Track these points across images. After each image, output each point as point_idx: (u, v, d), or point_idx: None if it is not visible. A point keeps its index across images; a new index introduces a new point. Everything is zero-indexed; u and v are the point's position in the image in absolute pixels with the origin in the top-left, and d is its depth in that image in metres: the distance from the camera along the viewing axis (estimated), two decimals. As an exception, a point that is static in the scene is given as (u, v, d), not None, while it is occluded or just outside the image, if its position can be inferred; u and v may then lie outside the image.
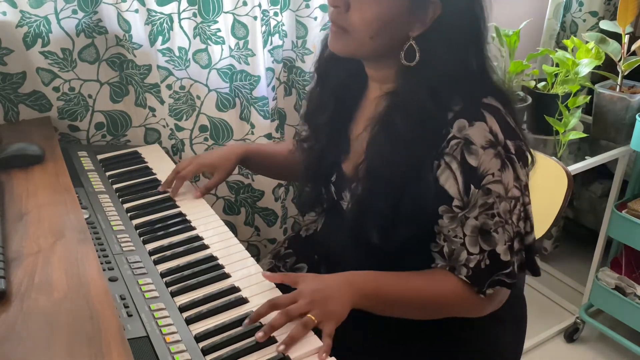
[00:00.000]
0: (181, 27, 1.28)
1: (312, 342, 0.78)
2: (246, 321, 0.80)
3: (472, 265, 0.83)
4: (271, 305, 0.81)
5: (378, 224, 0.88)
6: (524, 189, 0.84)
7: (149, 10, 1.23)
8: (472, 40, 0.83)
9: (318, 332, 0.79)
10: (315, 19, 1.43)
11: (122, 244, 0.98)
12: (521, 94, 1.65)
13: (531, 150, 0.87)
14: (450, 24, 0.81)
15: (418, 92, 0.82)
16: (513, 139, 0.82)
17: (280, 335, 0.78)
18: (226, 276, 0.92)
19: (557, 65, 1.58)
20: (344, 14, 0.83)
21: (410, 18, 0.81)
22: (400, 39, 0.83)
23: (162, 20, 1.25)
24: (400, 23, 0.81)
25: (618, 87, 1.63)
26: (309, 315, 0.79)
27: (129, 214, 1.08)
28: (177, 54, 1.30)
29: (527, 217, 0.86)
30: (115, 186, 1.18)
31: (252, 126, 1.43)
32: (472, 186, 0.81)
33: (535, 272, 0.90)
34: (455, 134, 0.81)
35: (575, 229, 2.23)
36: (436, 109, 0.82)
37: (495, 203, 0.81)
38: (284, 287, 0.87)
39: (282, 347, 0.76)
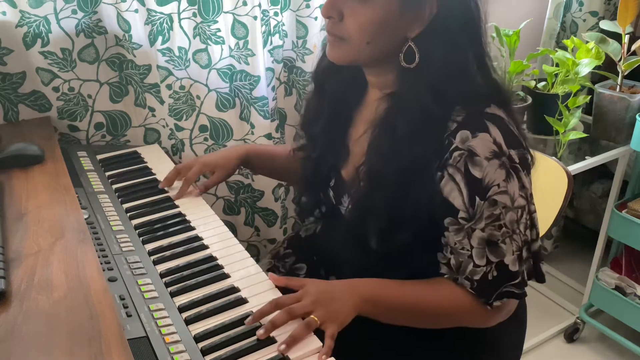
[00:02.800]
0: (181, 27, 1.28)
1: (313, 343, 0.77)
2: (248, 319, 0.80)
3: (477, 277, 0.82)
4: (275, 305, 0.80)
5: (377, 227, 0.87)
6: (530, 197, 0.84)
7: (148, 10, 1.23)
8: (470, 37, 0.83)
9: (318, 334, 0.79)
10: (316, 19, 1.42)
11: (122, 244, 0.98)
12: (521, 94, 1.65)
13: (531, 152, 0.86)
14: (447, 21, 0.80)
15: (418, 93, 0.81)
16: (516, 147, 0.81)
17: (280, 335, 0.78)
18: (226, 276, 0.92)
19: (557, 65, 1.58)
20: (338, 23, 0.83)
21: (407, 18, 0.80)
22: (399, 41, 0.82)
23: (162, 20, 1.25)
24: (396, 24, 0.81)
25: (618, 87, 1.63)
26: (312, 316, 0.79)
27: (128, 214, 1.08)
28: (177, 53, 1.30)
29: (533, 225, 0.85)
30: (114, 186, 1.18)
31: (252, 126, 1.43)
32: (477, 198, 0.80)
33: (540, 279, 0.89)
34: (458, 145, 0.80)
35: (576, 229, 2.23)
36: (437, 110, 0.81)
37: (502, 214, 0.80)
38: (284, 288, 0.87)
39: (283, 347, 0.75)
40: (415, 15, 0.80)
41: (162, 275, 0.91)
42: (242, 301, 0.86)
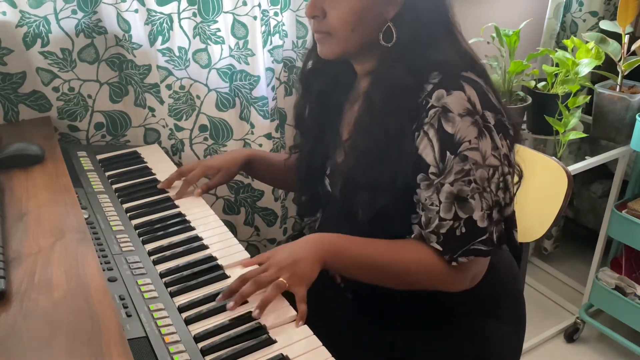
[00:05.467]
0: (181, 27, 1.28)
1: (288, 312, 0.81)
2: (219, 297, 0.83)
3: (443, 231, 0.83)
4: (242, 280, 0.84)
5: (364, 197, 0.89)
6: (504, 158, 0.85)
7: (148, 10, 1.23)
8: (439, 9, 0.87)
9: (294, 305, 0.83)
10: (315, 19, 1.43)
11: (122, 244, 0.98)
12: (521, 94, 1.65)
13: (515, 126, 0.88)
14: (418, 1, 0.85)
15: (394, 68, 0.86)
16: (492, 111, 0.84)
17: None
18: (225, 277, 0.92)
19: (557, 65, 1.58)
20: (323, 20, 0.88)
21: (383, 1, 0.85)
22: (379, 24, 0.87)
23: (161, 20, 1.25)
24: (374, 9, 0.86)
25: (618, 87, 1.63)
26: (280, 279, 0.82)
27: (128, 214, 1.08)
28: (176, 53, 1.30)
29: (506, 188, 0.86)
30: (114, 186, 1.18)
31: (252, 126, 1.43)
32: (447, 152, 0.82)
33: (515, 251, 0.91)
34: (433, 103, 0.83)
35: (576, 229, 2.23)
36: (413, 81, 0.85)
37: (472, 170, 0.82)
38: (287, 294, 0.87)
39: (256, 312, 0.80)
40: None
41: (162, 275, 0.91)
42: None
